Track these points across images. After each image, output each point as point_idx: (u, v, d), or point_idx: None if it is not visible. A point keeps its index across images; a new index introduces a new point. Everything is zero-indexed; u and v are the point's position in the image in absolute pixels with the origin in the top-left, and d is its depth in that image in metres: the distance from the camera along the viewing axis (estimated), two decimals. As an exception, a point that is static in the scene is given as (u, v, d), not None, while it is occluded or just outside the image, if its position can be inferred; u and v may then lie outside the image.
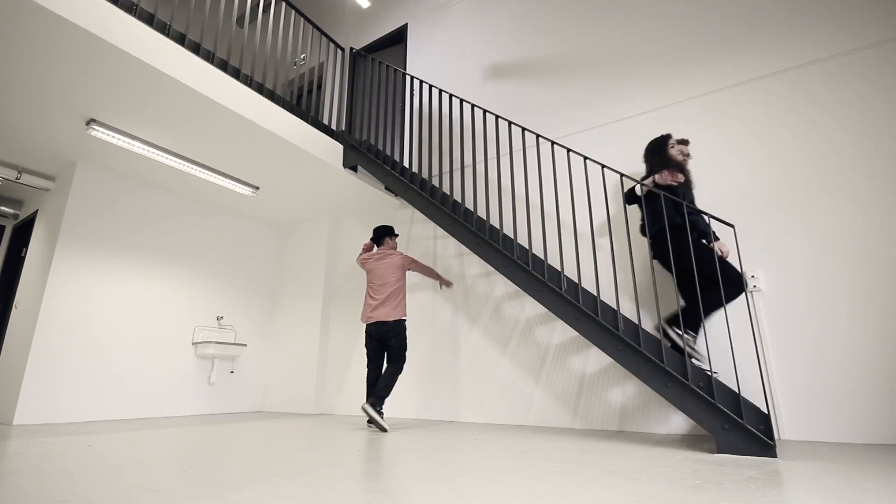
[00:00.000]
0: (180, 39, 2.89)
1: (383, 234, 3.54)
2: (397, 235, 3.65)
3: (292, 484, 1.45)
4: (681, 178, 2.53)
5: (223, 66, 3.14)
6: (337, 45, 4.40)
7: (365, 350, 3.42)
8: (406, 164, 4.49)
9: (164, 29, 2.82)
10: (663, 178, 2.55)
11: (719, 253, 2.40)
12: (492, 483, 1.47)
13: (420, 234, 4.37)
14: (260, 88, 3.41)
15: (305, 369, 4.62)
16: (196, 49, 2.99)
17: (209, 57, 3.06)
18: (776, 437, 2.51)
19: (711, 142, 3.06)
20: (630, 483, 1.46)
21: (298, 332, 4.81)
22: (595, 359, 3.17)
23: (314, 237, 5.05)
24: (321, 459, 1.91)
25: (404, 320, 3.30)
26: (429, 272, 3.62)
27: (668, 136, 2.75)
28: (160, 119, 3.23)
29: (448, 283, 3.70)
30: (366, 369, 3.72)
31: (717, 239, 2.54)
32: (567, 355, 3.28)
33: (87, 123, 3.22)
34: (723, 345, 2.68)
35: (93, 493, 1.33)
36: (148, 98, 2.98)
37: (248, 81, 3.31)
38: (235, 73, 3.24)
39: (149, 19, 2.75)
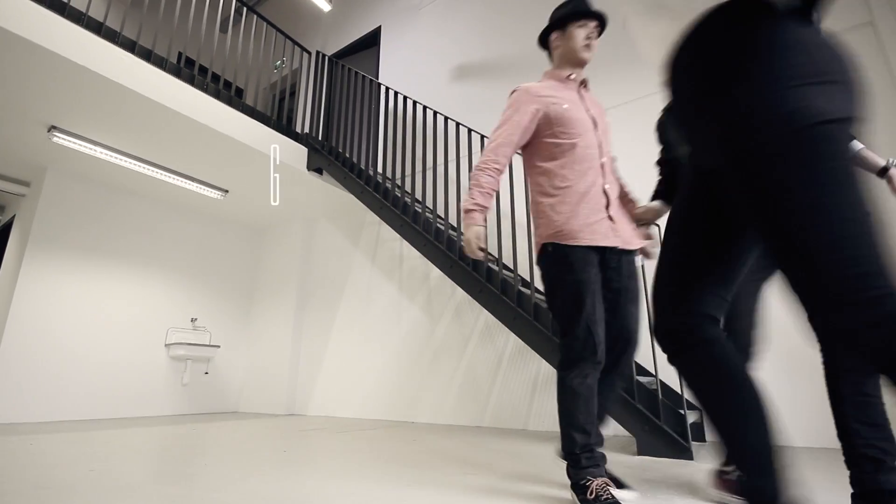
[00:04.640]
0: (130, 47, 2.95)
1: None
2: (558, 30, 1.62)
3: (178, 484, 1.47)
4: None
5: (176, 71, 3.19)
6: (304, 49, 4.44)
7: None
8: (371, 166, 4.52)
9: (113, 37, 2.88)
10: None
11: None
12: (351, 484, 1.48)
13: (388, 236, 4.39)
14: (217, 93, 3.45)
15: (278, 370, 4.66)
16: (147, 56, 3.04)
17: (161, 63, 3.11)
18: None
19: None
20: (489, 482, 1.46)
21: (273, 333, 4.86)
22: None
23: (289, 240, 5.09)
24: (234, 461, 1.93)
25: (544, 246, 1.42)
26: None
27: None
28: (118, 124, 3.29)
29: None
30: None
31: None
32: (522, 356, 3.27)
33: (49, 130, 3.30)
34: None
35: (-22, 491, 1.37)
36: (102, 105, 3.04)
37: (203, 86, 3.36)
38: (190, 79, 3.29)
39: (97, 28, 2.81)
